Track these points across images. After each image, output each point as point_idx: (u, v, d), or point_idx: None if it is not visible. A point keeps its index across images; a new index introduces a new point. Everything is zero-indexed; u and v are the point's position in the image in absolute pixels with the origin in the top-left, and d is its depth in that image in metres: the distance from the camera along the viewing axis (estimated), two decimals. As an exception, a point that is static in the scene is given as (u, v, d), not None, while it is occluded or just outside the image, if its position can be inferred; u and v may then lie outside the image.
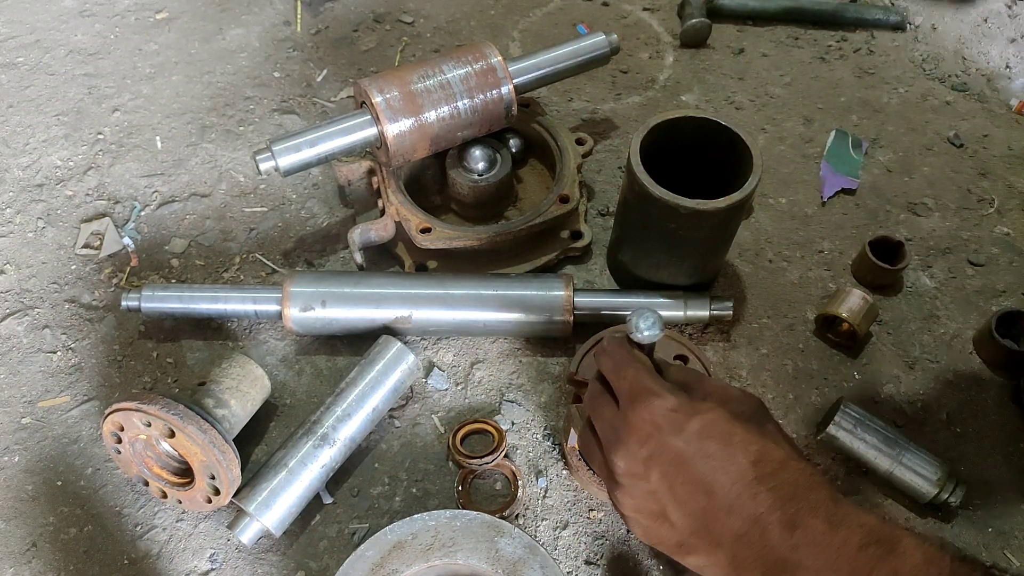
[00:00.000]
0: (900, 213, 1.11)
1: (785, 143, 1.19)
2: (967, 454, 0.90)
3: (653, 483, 0.63)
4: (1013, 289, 1.04)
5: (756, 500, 0.58)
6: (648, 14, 1.38)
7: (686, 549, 0.63)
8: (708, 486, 0.60)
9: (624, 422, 0.65)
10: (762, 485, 0.59)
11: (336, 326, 0.92)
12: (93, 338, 0.97)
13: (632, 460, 0.64)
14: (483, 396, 0.93)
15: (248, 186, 1.12)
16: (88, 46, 1.28)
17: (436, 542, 0.77)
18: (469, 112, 0.96)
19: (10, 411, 0.91)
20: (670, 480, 0.62)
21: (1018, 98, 1.27)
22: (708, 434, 0.61)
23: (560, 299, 0.91)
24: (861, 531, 0.56)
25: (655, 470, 0.62)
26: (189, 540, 0.83)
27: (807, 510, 0.57)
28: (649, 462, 0.63)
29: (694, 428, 0.61)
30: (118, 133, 1.17)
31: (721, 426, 0.62)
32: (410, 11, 1.36)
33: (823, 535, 0.56)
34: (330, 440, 0.82)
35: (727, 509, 0.59)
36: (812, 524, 0.57)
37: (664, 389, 0.64)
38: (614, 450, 0.65)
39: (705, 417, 0.62)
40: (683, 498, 0.62)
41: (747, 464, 0.60)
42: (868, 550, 0.55)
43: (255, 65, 1.27)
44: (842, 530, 0.56)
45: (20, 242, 1.05)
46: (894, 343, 0.98)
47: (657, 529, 0.64)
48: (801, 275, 1.04)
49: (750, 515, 0.58)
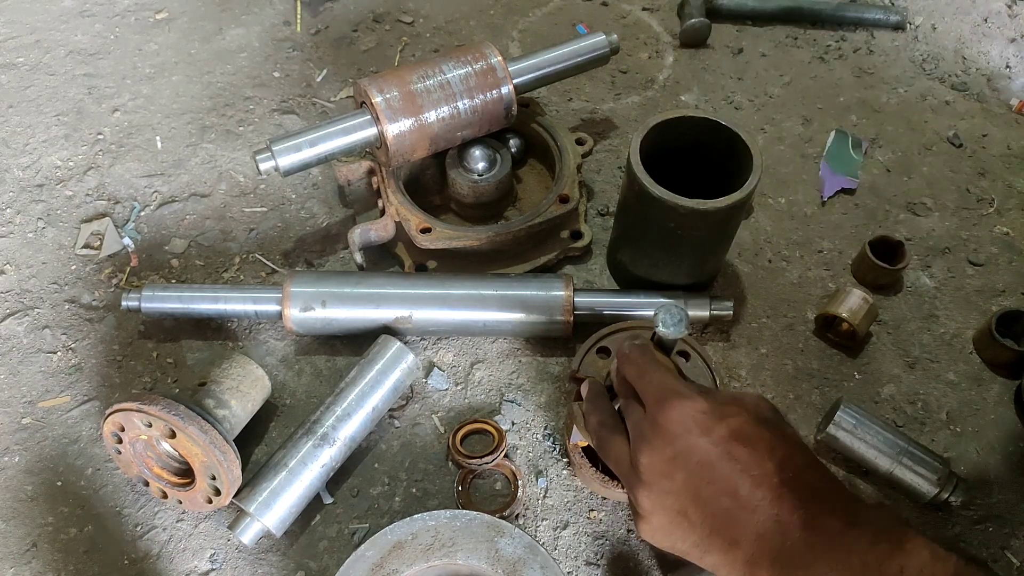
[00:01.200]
0: (899, 213, 1.11)
1: (784, 143, 1.19)
2: (967, 454, 0.90)
3: (678, 482, 0.64)
4: (1013, 289, 1.04)
5: (780, 502, 0.60)
6: (648, 14, 1.38)
7: (703, 548, 0.64)
8: (733, 488, 0.61)
9: (652, 423, 0.65)
10: (785, 488, 0.60)
11: (336, 326, 0.92)
12: (93, 338, 0.97)
13: (658, 459, 0.64)
14: (483, 396, 0.93)
15: (248, 186, 1.12)
16: (88, 46, 1.28)
17: (436, 542, 0.77)
18: (469, 112, 0.96)
19: (10, 411, 0.91)
20: (695, 480, 0.63)
21: (1018, 98, 1.27)
22: (735, 437, 0.62)
23: (560, 299, 0.91)
24: (872, 528, 0.58)
25: (681, 470, 0.63)
26: (189, 540, 0.83)
27: (827, 511, 0.59)
28: (675, 462, 0.64)
29: (722, 431, 0.63)
30: (118, 133, 1.17)
31: (748, 430, 0.63)
32: (410, 11, 1.36)
33: (838, 534, 0.58)
34: (330, 440, 0.82)
35: (751, 510, 0.60)
36: (829, 524, 0.58)
37: (692, 391, 0.66)
38: (640, 449, 0.66)
39: (733, 421, 0.63)
40: (707, 499, 0.62)
41: (772, 468, 0.61)
42: (878, 547, 0.56)
43: (255, 65, 1.27)
44: (855, 529, 0.58)
45: (20, 242, 1.05)
46: (894, 343, 0.98)
47: (673, 528, 0.65)
48: (801, 275, 1.04)
49: (772, 516, 0.60)
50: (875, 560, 0.56)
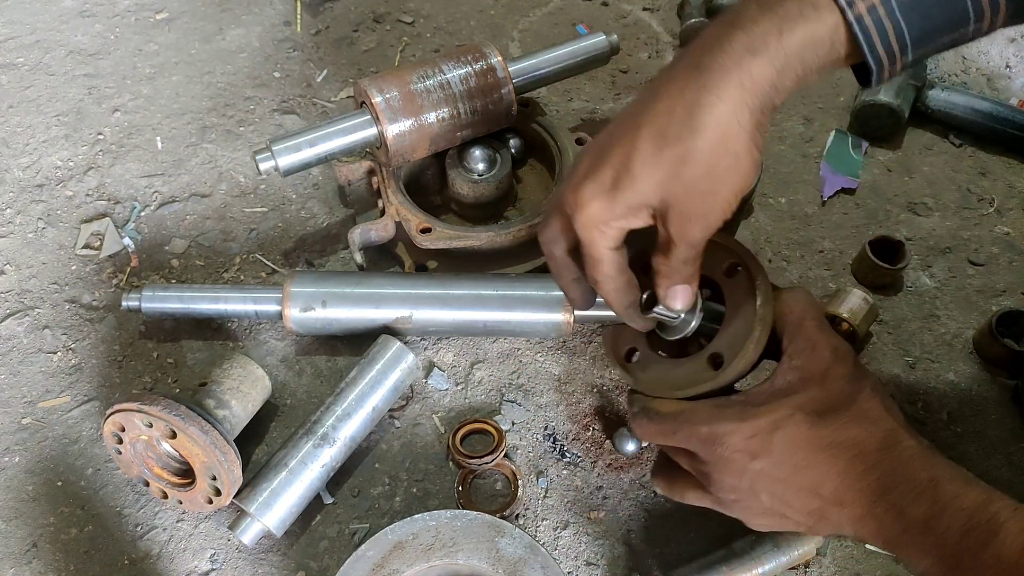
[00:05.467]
0: (900, 213, 1.11)
1: (785, 143, 1.19)
2: (968, 453, 0.90)
3: (766, 501, 0.65)
4: (1013, 288, 1.04)
5: (863, 495, 0.61)
6: (648, 14, 1.38)
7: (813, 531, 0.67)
8: (816, 490, 0.62)
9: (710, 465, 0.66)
10: (864, 480, 0.60)
11: (336, 326, 0.92)
12: (93, 338, 0.97)
13: (735, 491, 0.66)
14: (483, 396, 0.93)
15: (248, 186, 1.12)
16: (88, 46, 1.28)
17: (437, 542, 0.77)
18: (469, 112, 0.96)
19: (10, 411, 0.91)
20: (779, 495, 0.64)
21: (1018, 97, 1.27)
22: (796, 447, 0.62)
23: (560, 299, 0.91)
24: (963, 515, 0.57)
25: (763, 492, 0.64)
26: (190, 540, 0.83)
27: (911, 499, 0.59)
28: (753, 488, 0.65)
29: (779, 446, 0.62)
30: (118, 133, 1.17)
31: (805, 432, 0.62)
32: (410, 11, 1.36)
33: (928, 521, 0.58)
34: (330, 440, 0.82)
35: (839, 504, 0.62)
36: (916, 512, 0.58)
37: (725, 420, 0.65)
38: (715, 487, 0.67)
39: (785, 431, 0.63)
40: (796, 504, 0.64)
41: (845, 464, 0.61)
42: (970, 536, 0.56)
43: (255, 65, 1.27)
44: (944, 517, 0.57)
45: (20, 242, 1.05)
46: (894, 343, 0.98)
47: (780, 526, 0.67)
48: (801, 275, 1.04)
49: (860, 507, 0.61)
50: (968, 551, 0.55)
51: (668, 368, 0.75)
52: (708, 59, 0.59)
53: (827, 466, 0.62)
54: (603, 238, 0.64)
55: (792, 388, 0.65)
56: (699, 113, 0.58)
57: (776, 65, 0.58)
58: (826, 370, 0.65)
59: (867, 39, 0.58)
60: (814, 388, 0.65)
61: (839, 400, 0.64)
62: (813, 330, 0.67)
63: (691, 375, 0.72)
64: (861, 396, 0.64)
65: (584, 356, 0.96)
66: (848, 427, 0.62)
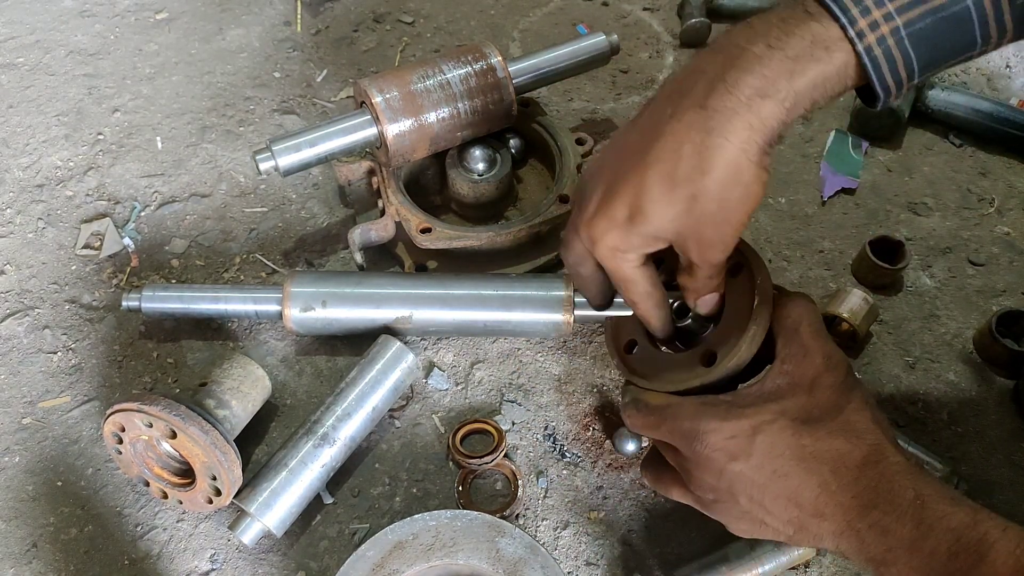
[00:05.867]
0: (900, 213, 1.11)
1: (785, 143, 1.19)
2: (969, 454, 0.90)
3: (744, 504, 0.64)
4: (1013, 289, 1.04)
5: (843, 509, 0.59)
6: (648, 14, 1.38)
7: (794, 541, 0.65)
8: (794, 499, 0.61)
9: (691, 462, 0.65)
10: (845, 493, 0.59)
11: (336, 326, 0.92)
12: (93, 338, 0.97)
13: (715, 491, 0.65)
14: (483, 396, 0.93)
15: (248, 186, 1.12)
16: (88, 46, 1.28)
17: (437, 542, 0.77)
18: (469, 112, 0.96)
19: (10, 411, 0.91)
20: (757, 500, 0.63)
21: (1018, 97, 1.27)
22: (776, 452, 0.61)
23: (560, 299, 0.91)
24: (950, 537, 0.55)
25: (741, 495, 0.63)
26: (190, 540, 0.83)
27: (895, 517, 0.57)
28: (732, 490, 0.63)
29: (759, 450, 0.61)
30: (118, 133, 1.17)
31: (787, 439, 0.61)
32: (410, 11, 1.36)
33: (914, 541, 0.56)
34: (330, 440, 0.82)
35: (818, 516, 0.60)
36: (901, 531, 0.57)
37: (707, 417, 0.64)
38: (694, 484, 0.67)
39: (766, 435, 0.62)
40: (775, 511, 0.62)
41: (825, 475, 0.60)
42: (959, 558, 0.54)
43: (255, 65, 1.27)
44: (931, 537, 0.56)
45: (20, 242, 1.05)
46: (894, 343, 0.98)
47: (760, 533, 0.66)
48: (801, 275, 1.04)
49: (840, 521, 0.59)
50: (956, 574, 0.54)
51: (664, 362, 0.75)
52: (715, 100, 0.59)
53: (806, 475, 0.60)
54: (625, 262, 0.66)
55: (780, 393, 0.65)
56: (708, 155, 0.58)
57: (786, 105, 0.58)
58: (816, 377, 0.65)
59: (876, 70, 0.59)
60: (801, 395, 0.64)
61: (825, 409, 0.63)
62: (808, 336, 0.67)
63: (683, 370, 0.72)
64: (849, 407, 0.63)
65: (584, 356, 0.96)
66: (831, 438, 0.61)
